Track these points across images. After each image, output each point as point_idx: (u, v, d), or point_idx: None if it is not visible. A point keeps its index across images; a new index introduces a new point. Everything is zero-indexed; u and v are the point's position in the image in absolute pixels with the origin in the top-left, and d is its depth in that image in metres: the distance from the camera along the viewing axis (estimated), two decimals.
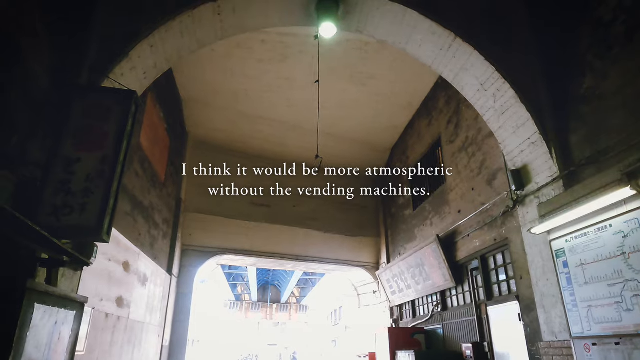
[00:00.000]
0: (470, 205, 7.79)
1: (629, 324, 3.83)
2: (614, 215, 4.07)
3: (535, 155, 5.83)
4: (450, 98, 8.80)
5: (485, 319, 7.19)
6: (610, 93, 4.90)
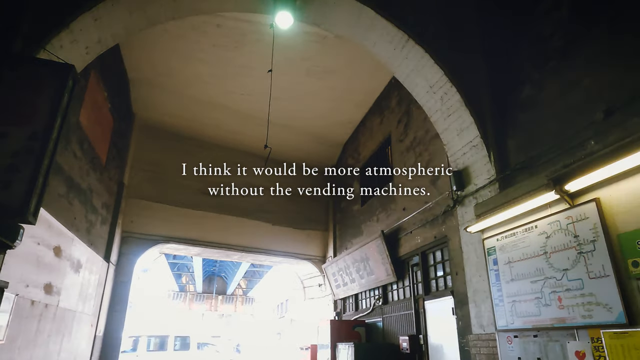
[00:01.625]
0: (414, 203, 8.06)
1: (546, 318, 4.14)
2: (540, 217, 4.37)
3: (475, 157, 6.13)
4: (402, 98, 9.03)
5: (422, 313, 7.49)
6: (544, 103, 5.23)
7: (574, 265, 3.90)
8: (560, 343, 3.99)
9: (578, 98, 4.70)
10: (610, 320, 3.52)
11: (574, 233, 3.94)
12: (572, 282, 3.90)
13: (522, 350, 4.44)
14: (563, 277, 4.01)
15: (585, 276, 3.77)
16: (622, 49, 4.24)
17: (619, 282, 3.47)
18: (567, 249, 3.99)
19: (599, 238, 3.68)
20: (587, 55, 4.69)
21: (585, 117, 4.52)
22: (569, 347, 3.87)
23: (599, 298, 3.62)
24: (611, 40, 4.39)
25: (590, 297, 3.71)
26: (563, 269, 4.01)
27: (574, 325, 3.84)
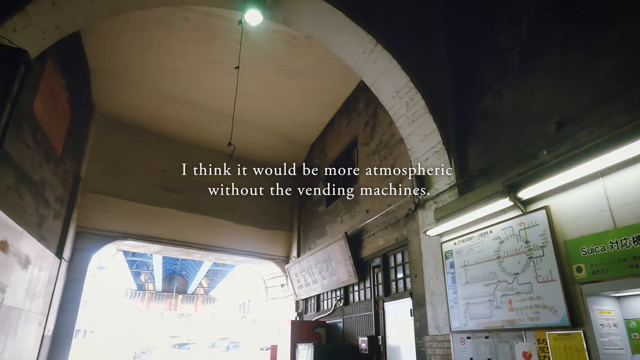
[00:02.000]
0: (378, 205, 8.17)
1: (497, 320, 4.30)
2: (495, 222, 4.54)
3: (437, 163, 6.28)
4: (370, 102, 9.14)
5: (382, 314, 7.60)
6: (502, 113, 5.44)
7: (524, 269, 4.07)
8: (510, 344, 4.15)
9: (533, 109, 4.92)
10: (555, 322, 3.69)
11: (525, 239, 4.12)
12: (522, 286, 4.07)
13: (474, 350, 4.58)
14: (514, 281, 4.17)
15: (534, 280, 3.94)
16: (573, 66, 4.46)
17: (564, 286, 3.65)
18: (519, 253, 4.16)
19: (548, 244, 3.86)
20: (542, 70, 4.91)
21: (540, 128, 4.73)
22: (517, 348, 4.04)
23: (546, 301, 3.80)
24: (563, 58, 4.62)
25: (538, 300, 3.88)
26: (514, 273, 4.18)
27: (523, 327, 4.01)
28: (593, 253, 3.47)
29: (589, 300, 3.49)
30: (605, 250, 3.37)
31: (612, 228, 3.36)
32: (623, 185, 3.32)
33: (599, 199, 3.48)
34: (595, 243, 3.45)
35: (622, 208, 3.30)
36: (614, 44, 4.05)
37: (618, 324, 3.60)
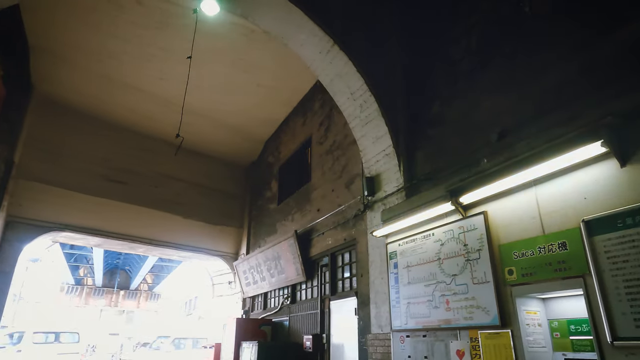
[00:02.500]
0: (329, 205, 8.23)
1: (434, 319, 4.47)
2: (437, 225, 4.71)
3: (387, 166, 6.43)
4: (325, 102, 9.19)
5: (327, 313, 7.68)
6: (450, 121, 5.66)
7: (461, 271, 4.26)
8: (445, 342, 4.32)
9: (478, 119, 5.15)
10: (487, 322, 3.89)
11: (464, 242, 4.30)
12: (459, 287, 4.25)
13: (413, 349, 4.73)
14: (452, 282, 4.35)
15: (470, 282, 4.13)
16: (517, 79, 4.72)
17: (496, 288, 3.85)
18: (457, 256, 4.34)
19: (484, 247, 4.06)
20: (488, 81, 5.15)
21: (483, 136, 4.96)
22: (452, 346, 4.21)
23: (480, 302, 3.99)
24: (509, 71, 4.87)
25: (473, 300, 4.07)
26: (452, 274, 4.36)
27: (457, 326, 4.19)
28: (523, 257, 3.68)
29: (518, 301, 3.70)
30: (534, 254, 3.59)
31: (541, 234, 3.58)
32: (552, 194, 3.55)
33: (531, 207, 3.71)
34: (526, 248, 3.67)
35: (550, 215, 3.53)
36: (554, 61, 4.32)
37: (542, 323, 3.85)
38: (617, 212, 3.04)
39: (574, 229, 3.31)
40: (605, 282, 3.02)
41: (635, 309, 2.82)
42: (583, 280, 3.19)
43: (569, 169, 3.42)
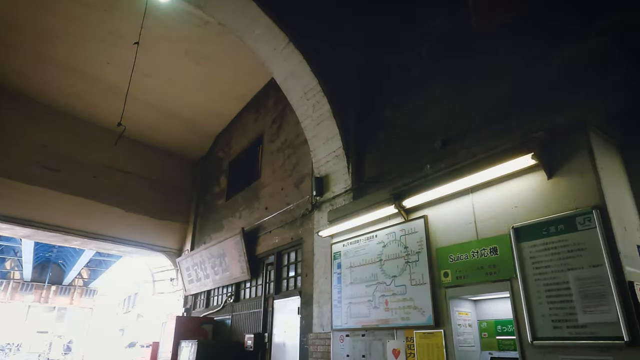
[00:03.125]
0: (277, 203, 8.19)
1: (373, 319, 4.57)
2: (381, 227, 4.82)
3: (336, 167, 6.49)
4: (279, 99, 9.12)
5: (271, 312, 7.63)
6: (399, 126, 5.82)
7: (401, 272, 4.38)
8: (382, 342, 4.43)
9: (425, 126, 5.34)
10: (422, 322, 4.03)
11: (404, 244, 4.43)
12: (398, 288, 4.37)
13: (351, 348, 4.81)
14: (392, 283, 4.47)
15: (409, 283, 4.27)
16: (464, 90, 4.94)
17: (432, 289, 4.00)
18: (398, 258, 4.47)
19: (423, 250, 4.21)
20: (438, 90, 5.35)
21: (428, 143, 5.15)
22: (388, 346, 4.33)
23: (416, 302, 4.13)
24: (457, 82, 5.09)
25: (410, 301, 4.20)
26: (392, 275, 4.48)
27: (395, 326, 4.31)
28: (458, 260, 3.85)
29: (451, 302, 3.87)
30: (468, 258, 3.77)
31: (475, 239, 3.77)
32: (486, 202, 3.74)
33: (467, 213, 3.89)
34: (461, 252, 3.85)
35: (484, 222, 3.72)
36: (497, 76, 4.56)
37: (473, 324, 4.05)
38: (542, 221, 3.26)
39: (505, 235, 3.50)
40: (529, 285, 3.23)
41: (553, 311, 3.04)
42: (510, 284, 3.38)
43: (502, 179, 3.62)
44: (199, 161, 13.32)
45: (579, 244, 3.01)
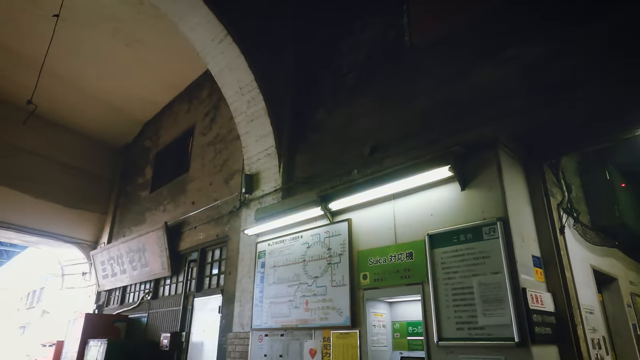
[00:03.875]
0: (205, 199, 7.94)
1: (293, 319, 4.60)
2: (306, 228, 4.87)
3: (267, 165, 6.44)
4: (214, 92, 8.86)
5: (190, 310, 7.38)
6: (331, 129, 5.91)
7: (323, 273, 4.46)
8: (300, 342, 4.47)
9: (356, 132, 5.47)
10: (339, 322, 4.13)
11: (328, 246, 4.52)
12: (319, 288, 4.44)
13: (269, 348, 4.80)
14: (313, 284, 4.53)
15: (329, 284, 4.35)
16: (393, 100, 5.13)
17: (351, 291, 4.12)
18: (321, 259, 4.54)
19: (345, 253, 4.31)
20: (369, 98, 5.51)
21: (357, 149, 5.28)
22: (306, 345, 4.38)
23: (335, 303, 4.22)
24: (387, 91, 5.28)
25: (330, 302, 4.29)
26: (315, 276, 4.54)
27: (313, 326, 4.37)
28: (377, 263, 4.00)
29: (368, 304, 4.01)
30: (386, 262, 3.93)
31: (393, 244, 3.94)
32: (406, 208, 3.93)
33: (388, 218, 4.05)
34: (380, 255, 4.00)
35: (403, 227, 3.91)
36: (425, 89, 4.80)
37: (387, 325, 4.23)
38: (454, 229, 3.49)
39: (420, 241, 3.70)
40: (439, 289, 3.44)
41: (458, 313, 3.26)
42: (422, 287, 3.58)
43: (422, 188, 3.82)
44: (124, 149, 12.52)
45: (484, 252, 3.27)
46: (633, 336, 4.52)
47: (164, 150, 10.42)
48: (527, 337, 2.89)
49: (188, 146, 9.34)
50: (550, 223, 3.61)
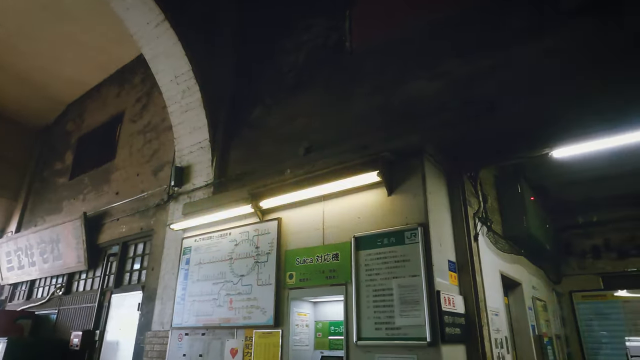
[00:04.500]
0: (130, 189, 7.51)
1: (216, 318, 4.49)
2: (236, 225, 4.78)
3: (200, 159, 6.24)
4: (148, 77, 8.38)
5: (107, 307, 6.94)
6: (268, 127, 5.86)
7: (249, 272, 4.40)
8: (222, 341, 4.38)
9: (292, 131, 5.47)
10: (263, 322, 4.10)
11: (256, 244, 4.47)
12: (244, 287, 4.38)
13: (189, 347, 4.65)
14: (239, 282, 4.45)
15: (255, 283, 4.30)
16: (331, 103, 5.20)
17: (276, 290, 4.10)
18: (248, 257, 4.48)
19: (273, 252, 4.29)
20: (308, 98, 5.53)
21: (293, 148, 5.28)
22: (227, 345, 4.29)
23: (260, 302, 4.18)
24: (325, 94, 5.34)
25: (254, 301, 4.24)
26: (240, 274, 4.47)
27: (236, 325, 4.30)
28: (304, 263, 4.03)
29: (292, 303, 4.02)
30: (312, 262, 3.97)
31: (321, 244, 3.99)
32: (335, 210, 4.00)
33: (318, 219, 4.10)
34: (307, 255, 4.03)
35: (331, 229, 3.97)
36: (361, 95, 4.92)
37: (310, 324, 4.27)
38: (378, 233, 3.61)
39: (347, 243, 3.78)
40: (361, 290, 3.53)
41: (377, 314, 3.38)
42: (345, 288, 3.66)
43: (351, 191, 3.91)
44: (42, 130, 11.48)
45: (405, 255, 3.41)
46: (531, 336, 4.98)
47: (88, 135, 9.70)
48: (438, 337, 3.06)
49: (115, 133, 8.77)
50: (466, 230, 3.86)
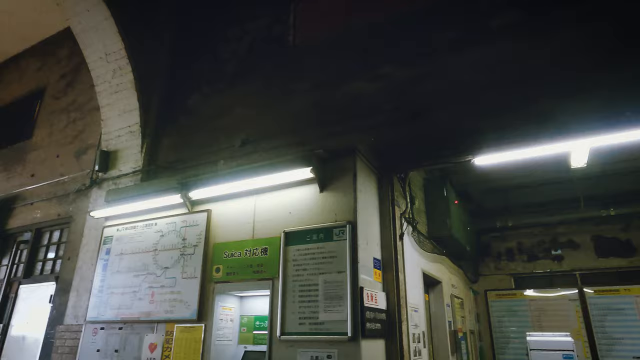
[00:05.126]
0: (48, 172, 6.92)
1: (135, 311, 4.28)
2: (162, 216, 4.58)
3: (129, 144, 5.89)
4: (75, 53, 7.74)
5: (12, 299, 6.35)
6: (204, 116, 5.67)
7: (174, 265, 4.24)
8: (140, 336, 4.18)
9: (229, 122, 5.34)
10: (186, 316, 3.97)
11: (183, 236, 4.31)
12: (168, 280, 4.21)
13: (104, 342, 4.39)
14: (162, 275, 4.28)
15: (180, 276, 4.16)
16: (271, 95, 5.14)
17: (202, 284, 3.99)
18: (174, 249, 4.31)
19: (200, 244, 4.17)
20: (247, 89, 5.42)
21: (229, 139, 5.16)
22: (145, 340, 4.11)
23: (184, 296, 4.05)
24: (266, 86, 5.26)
25: (178, 294, 4.10)
26: (165, 267, 4.29)
27: (157, 319, 4.13)
28: (232, 257, 3.96)
29: (218, 297, 3.93)
30: (241, 256, 3.91)
31: (251, 238, 3.94)
32: (267, 204, 3.97)
33: (249, 213, 4.04)
34: (236, 249, 3.96)
35: (262, 223, 3.93)
36: (300, 91, 4.90)
37: (235, 319, 4.20)
38: (308, 229, 3.63)
39: (277, 237, 3.77)
40: (287, 285, 3.54)
41: (302, 309, 3.40)
42: (272, 282, 3.65)
43: (284, 186, 3.90)
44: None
45: (332, 252, 3.46)
46: (447, 331, 5.30)
47: (2, 109, 8.79)
48: (358, 332, 3.15)
49: (34, 109, 8.02)
50: (392, 229, 4.01)
